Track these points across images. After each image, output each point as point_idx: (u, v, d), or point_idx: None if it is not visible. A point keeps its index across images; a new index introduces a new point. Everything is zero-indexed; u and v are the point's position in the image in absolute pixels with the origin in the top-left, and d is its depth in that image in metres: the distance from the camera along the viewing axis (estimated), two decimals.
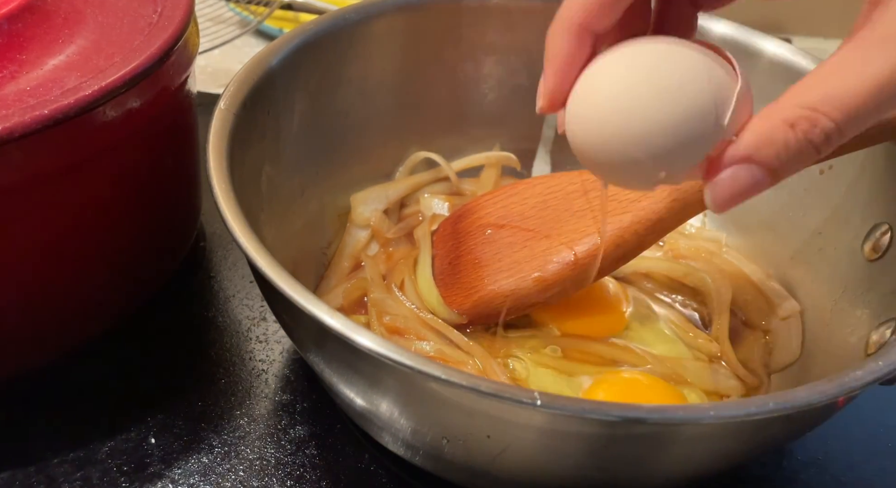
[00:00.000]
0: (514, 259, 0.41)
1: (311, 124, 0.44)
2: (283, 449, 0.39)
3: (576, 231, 0.40)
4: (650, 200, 0.38)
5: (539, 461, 0.30)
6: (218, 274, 0.48)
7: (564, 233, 0.40)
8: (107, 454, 0.38)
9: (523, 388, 0.27)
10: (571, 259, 0.39)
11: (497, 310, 0.41)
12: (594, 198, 0.40)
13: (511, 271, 0.41)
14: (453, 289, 0.43)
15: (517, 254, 0.41)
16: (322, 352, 0.33)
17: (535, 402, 0.26)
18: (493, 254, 0.42)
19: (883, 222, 0.39)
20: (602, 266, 0.39)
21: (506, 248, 0.42)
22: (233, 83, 0.37)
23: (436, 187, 0.51)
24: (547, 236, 0.41)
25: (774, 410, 0.27)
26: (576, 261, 0.39)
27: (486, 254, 0.42)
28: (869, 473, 0.41)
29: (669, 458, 0.31)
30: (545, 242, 0.41)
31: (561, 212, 0.41)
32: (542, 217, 0.42)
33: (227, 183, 0.32)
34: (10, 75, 0.34)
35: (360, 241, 0.47)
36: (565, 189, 0.42)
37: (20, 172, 0.33)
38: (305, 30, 0.42)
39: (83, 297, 0.39)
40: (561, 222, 0.41)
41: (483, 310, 0.41)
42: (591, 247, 0.39)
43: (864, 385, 0.28)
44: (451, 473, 0.36)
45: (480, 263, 0.42)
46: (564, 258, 0.40)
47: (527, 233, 0.42)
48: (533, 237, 0.41)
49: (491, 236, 0.43)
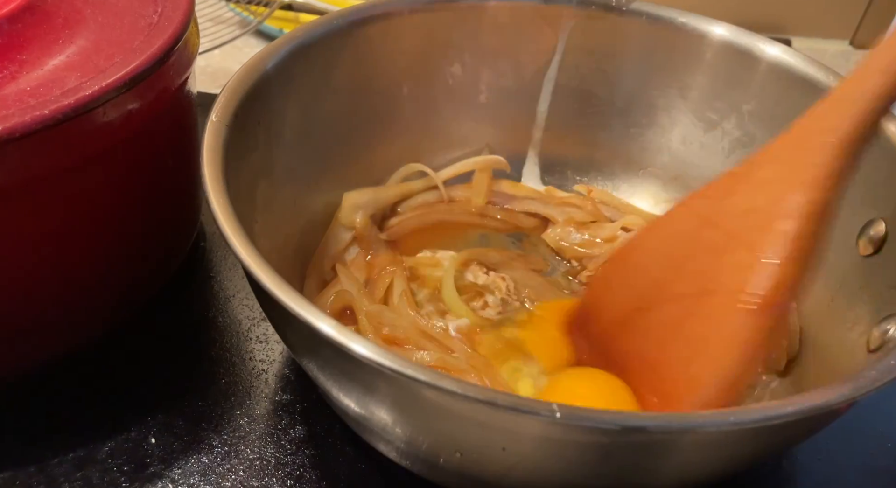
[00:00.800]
0: (690, 340, 0.32)
1: (302, 132, 0.44)
2: (283, 449, 0.39)
3: (739, 268, 0.31)
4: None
5: (554, 470, 0.30)
6: (218, 274, 0.48)
7: (727, 279, 0.31)
8: (107, 454, 0.38)
9: (541, 401, 0.26)
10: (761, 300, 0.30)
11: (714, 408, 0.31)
12: (728, 221, 0.32)
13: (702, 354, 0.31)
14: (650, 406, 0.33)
15: (688, 331, 0.32)
16: (319, 362, 0.32)
17: (554, 415, 0.26)
18: (660, 346, 0.33)
19: (877, 218, 0.39)
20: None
21: (670, 331, 0.32)
22: (223, 94, 0.37)
23: (428, 195, 0.51)
24: (709, 292, 0.31)
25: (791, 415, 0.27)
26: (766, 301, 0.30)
27: (651, 350, 0.33)
28: (869, 473, 0.41)
29: (686, 463, 0.31)
30: (713, 299, 0.31)
31: (701, 257, 0.32)
32: (684, 274, 0.33)
33: (224, 196, 0.32)
34: (10, 75, 0.34)
35: (342, 242, 0.47)
36: (684, 230, 0.34)
37: (20, 172, 0.33)
38: (294, 37, 0.42)
39: (83, 297, 0.39)
40: (709, 269, 0.32)
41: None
42: (775, 271, 0.30)
43: (882, 385, 0.28)
44: (451, 481, 0.36)
45: (654, 364, 0.33)
46: (751, 305, 0.30)
47: (682, 301, 0.32)
48: (692, 301, 0.32)
49: (639, 327, 0.34)
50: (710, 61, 0.47)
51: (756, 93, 0.46)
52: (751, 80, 0.46)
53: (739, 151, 0.48)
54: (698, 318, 0.31)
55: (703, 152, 0.49)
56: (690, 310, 0.32)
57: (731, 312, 0.30)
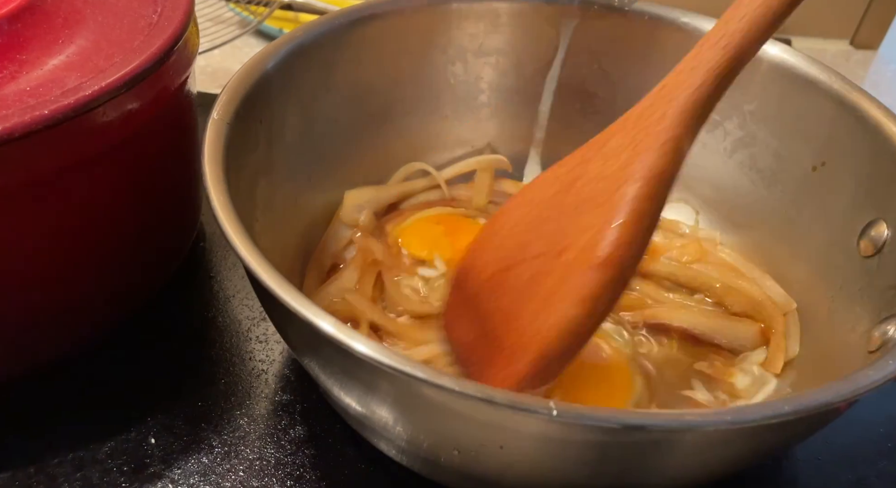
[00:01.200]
0: (541, 296, 0.34)
1: (303, 131, 0.44)
2: (283, 450, 0.39)
3: (587, 228, 0.33)
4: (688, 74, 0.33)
5: (553, 468, 0.30)
6: (218, 274, 0.48)
7: (576, 238, 0.33)
8: (107, 454, 0.38)
9: (539, 399, 0.26)
10: (603, 256, 0.32)
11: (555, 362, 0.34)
12: (583, 186, 0.34)
13: (548, 307, 0.34)
14: (497, 363, 0.35)
15: (541, 288, 0.34)
16: (319, 360, 0.32)
17: (551, 412, 0.25)
18: (517, 301, 0.35)
19: (878, 218, 0.39)
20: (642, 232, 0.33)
21: (527, 288, 0.35)
22: (224, 92, 0.37)
23: (430, 194, 0.51)
24: (561, 251, 0.34)
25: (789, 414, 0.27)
26: (609, 258, 0.32)
27: (510, 305, 0.35)
28: (869, 473, 0.41)
29: (684, 462, 0.30)
30: (564, 257, 0.34)
31: (558, 219, 0.35)
32: (543, 236, 0.35)
33: (225, 195, 0.32)
34: (10, 75, 0.34)
35: (343, 240, 0.47)
36: (546, 195, 0.36)
37: (20, 172, 0.33)
38: (295, 36, 0.42)
39: (82, 298, 0.39)
40: (564, 231, 0.34)
41: (542, 368, 0.34)
42: (617, 230, 0.32)
43: (880, 384, 0.28)
44: (451, 480, 0.36)
45: (510, 318, 0.35)
46: (589, 260, 0.32)
47: (538, 260, 0.35)
48: (547, 260, 0.34)
49: (502, 285, 0.36)
50: None
51: (758, 93, 0.46)
52: (752, 80, 0.46)
53: (741, 151, 0.48)
54: (550, 275, 0.34)
55: (705, 152, 0.49)
56: (545, 268, 0.34)
57: (578, 268, 0.33)
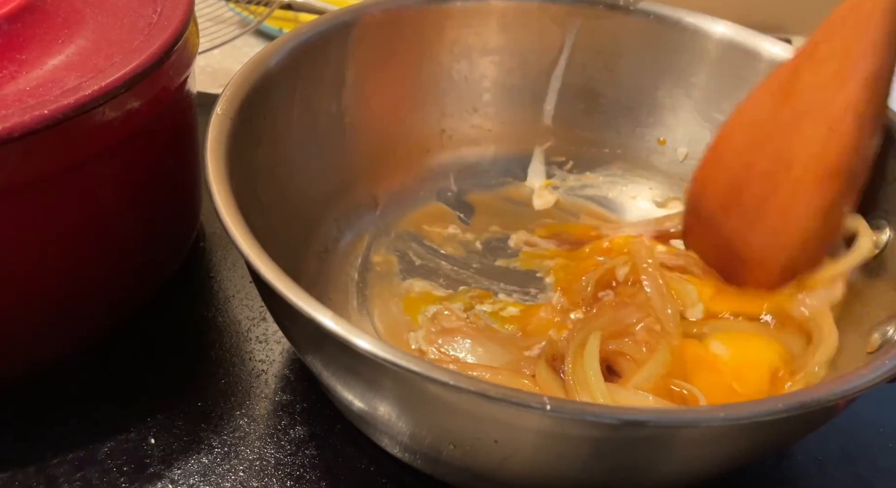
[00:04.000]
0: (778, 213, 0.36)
1: (306, 128, 0.44)
2: (283, 450, 0.39)
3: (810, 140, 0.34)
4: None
5: (547, 464, 0.30)
6: (218, 274, 0.48)
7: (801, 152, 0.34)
8: (107, 454, 0.38)
9: (532, 393, 0.26)
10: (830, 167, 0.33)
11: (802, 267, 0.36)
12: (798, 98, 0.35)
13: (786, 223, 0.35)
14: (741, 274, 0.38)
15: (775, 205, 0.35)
16: (320, 355, 0.33)
17: (544, 406, 0.26)
18: (753, 219, 0.37)
19: (880, 219, 0.39)
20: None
21: (761, 207, 0.36)
22: (228, 88, 0.37)
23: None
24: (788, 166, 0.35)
25: (783, 411, 0.27)
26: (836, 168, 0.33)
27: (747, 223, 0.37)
28: (869, 473, 0.41)
29: (680, 459, 0.31)
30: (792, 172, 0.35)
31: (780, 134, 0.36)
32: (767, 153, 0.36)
33: (227, 189, 0.32)
34: (10, 75, 0.34)
35: None
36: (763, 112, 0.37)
37: (20, 172, 0.33)
38: (300, 33, 0.42)
39: (82, 298, 0.39)
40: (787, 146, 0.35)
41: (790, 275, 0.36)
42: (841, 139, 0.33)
43: (874, 383, 0.28)
44: (452, 476, 0.36)
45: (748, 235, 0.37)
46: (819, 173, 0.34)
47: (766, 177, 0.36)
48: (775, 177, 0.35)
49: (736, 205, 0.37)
50: (717, 61, 0.48)
51: None
52: (755, 80, 0.46)
53: None
54: (781, 191, 0.35)
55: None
56: (774, 184, 0.35)
57: (807, 182, 0.34)
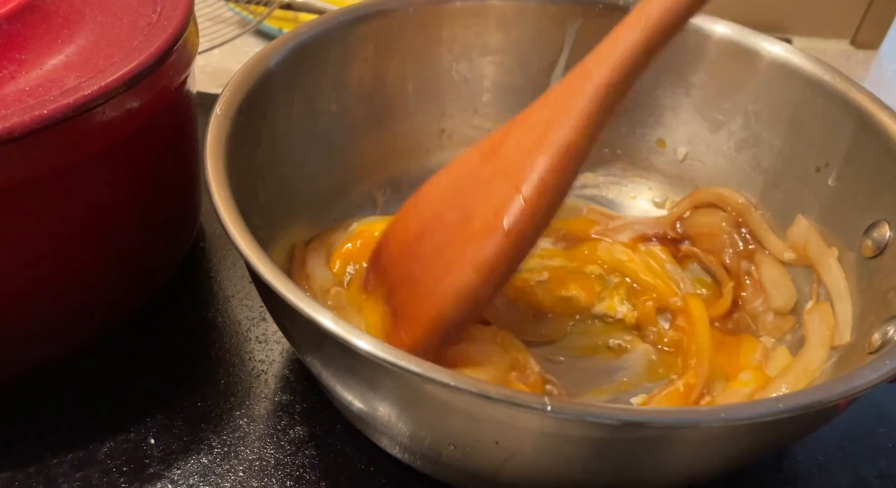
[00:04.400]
0: (444, 262, 0.35)
1: (306, 127, 0.44)
2: (283, 450, 0.39)
3: (496, 197, 0.34)
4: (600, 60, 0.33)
5: (548, 465, 0.30)
6: (217, 274, 0.48)
7: (485, 207, 0.34)
8: (106, 454, 0.38)
9: (532, 394, 0.26)
10: (503, 225, 0.33)
11: (451, 325, 0.35)
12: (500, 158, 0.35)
13: (448, 272, 0.35)
14: (404, 327, 0.37)
15: (446, 254, 0.35)
16: (319, 355, 0.32)
17: (545, 408, 0.26)
18: (424, 268, 0.36)
19: (881, 220, 0.39)
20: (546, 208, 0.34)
21: (434, 256, 0.35)
22: (228, 88, 0.37)
23: None
24: (469, 219, 0.35)
25: (784, 411, 0.27)
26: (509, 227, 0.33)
27: (418, 272, 0.36)
28: (869, 473, 0.41)
29: (681, 459, 0.31)
30: (471, 225, 0.35)
31: (474, 189, 0.35)
32: (457, 206, 0.36)
33: (226, 189, 0.32)
34: (10, 75, 0.34)
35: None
36: (467, 167, 0.37)
37: (20, 172, 0.33)
38: (299, 33, 0.42)
39: (82, 298, 0.39)
40: (476, 201, 0.35)
41: (437, 331, 0.35)
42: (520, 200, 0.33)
43: (874, 384, 0.28)
44: (452, 477, 0.36)
45: (415, 284, 0.36)
46: (492, 228, 0.34)
47: (448, 228, 0.36)
48: (456, 228, 0.35)
49: (414, 253, 0.37)
50: (716, 61, 0.47)
51: (762, 93, 0.46)
52: (755, 80, 0.46)
53: (746, 152, 0.48)
54: (456, 243, 0.35)
55: (709, 152, 0.49)
56: (452, 236, 0.35)
57: (480, 236, 0.34)
